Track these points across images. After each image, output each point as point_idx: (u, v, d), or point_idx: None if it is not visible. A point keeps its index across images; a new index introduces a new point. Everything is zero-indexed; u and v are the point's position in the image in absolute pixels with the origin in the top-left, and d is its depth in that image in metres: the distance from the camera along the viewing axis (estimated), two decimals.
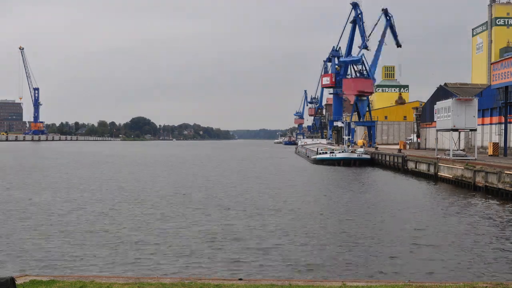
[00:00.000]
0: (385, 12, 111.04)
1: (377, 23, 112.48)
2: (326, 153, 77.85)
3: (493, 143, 56.15)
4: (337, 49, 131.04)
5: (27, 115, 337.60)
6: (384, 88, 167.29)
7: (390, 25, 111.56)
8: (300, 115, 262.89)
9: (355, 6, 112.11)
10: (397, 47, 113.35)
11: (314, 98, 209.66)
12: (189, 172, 58.50)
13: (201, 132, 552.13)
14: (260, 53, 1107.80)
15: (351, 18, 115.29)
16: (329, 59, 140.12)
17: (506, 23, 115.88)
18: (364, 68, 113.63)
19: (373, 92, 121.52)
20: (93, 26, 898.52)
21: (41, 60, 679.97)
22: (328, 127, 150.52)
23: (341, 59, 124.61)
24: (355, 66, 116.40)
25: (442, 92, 77.76)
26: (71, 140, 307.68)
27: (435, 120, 55.79)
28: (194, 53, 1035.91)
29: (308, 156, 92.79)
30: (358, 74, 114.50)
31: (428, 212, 28.69)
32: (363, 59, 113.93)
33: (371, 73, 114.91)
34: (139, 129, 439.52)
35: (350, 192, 38.66)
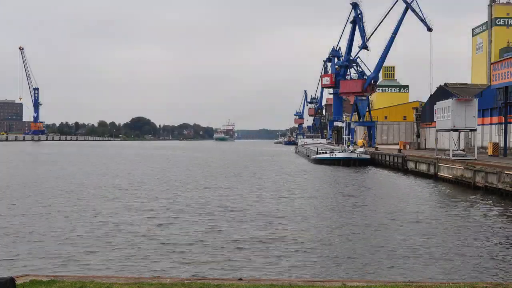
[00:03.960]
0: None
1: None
2: (326, 152, 77.75)
3: (493, 143, 56.16)
4: (337, 49, 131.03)
5: (27, 115, 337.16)
6: (384, 88, 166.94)
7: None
8: (300, 115, 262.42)
9: (355, 6, 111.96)
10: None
11: (314, 98, 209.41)
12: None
13: (201, 132, 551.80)
14: (259, 52, 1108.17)
15: (351, 18, 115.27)
16: (329, 59, 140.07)
17: (506, 23, 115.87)
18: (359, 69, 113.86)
19: (365, 92, 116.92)
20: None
21: (41, 60, 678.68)
22: (328, 127, 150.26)
23: (338, 62, 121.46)
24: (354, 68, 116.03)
25: (442, 92, 77.73)
26: (71, 140, 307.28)
27: (435, 120, 55.81)
28: (194, 53, 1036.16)
29: (308, 156, 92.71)
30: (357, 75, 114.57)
31: (428, 212, 28.70)
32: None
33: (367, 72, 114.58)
34: (139, 129, 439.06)
35: (349, 192, 38.64)
